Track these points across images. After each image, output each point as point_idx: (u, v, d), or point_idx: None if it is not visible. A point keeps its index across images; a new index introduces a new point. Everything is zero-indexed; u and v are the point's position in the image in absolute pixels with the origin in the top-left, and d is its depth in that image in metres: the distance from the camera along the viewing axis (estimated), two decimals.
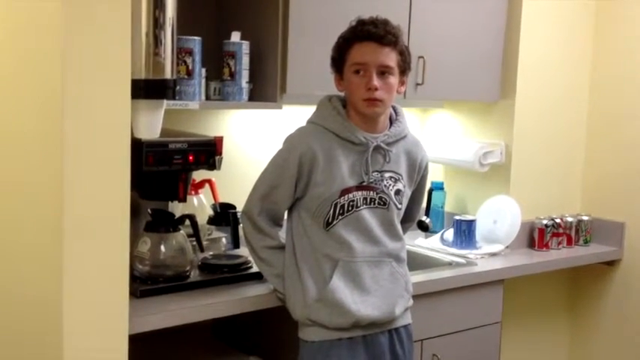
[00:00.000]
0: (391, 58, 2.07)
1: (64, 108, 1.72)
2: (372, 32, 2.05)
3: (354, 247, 2.10)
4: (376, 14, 2.12)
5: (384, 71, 2.06)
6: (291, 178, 2.09)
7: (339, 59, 2.12)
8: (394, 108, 2.22)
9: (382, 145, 2.13)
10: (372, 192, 2.12)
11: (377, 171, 2.13)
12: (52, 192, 1.78)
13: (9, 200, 2.01)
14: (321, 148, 2.09)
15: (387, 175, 2.15)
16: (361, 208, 2.11)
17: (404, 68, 2.12)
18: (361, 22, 2.09)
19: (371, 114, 2.10)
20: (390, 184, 2.15)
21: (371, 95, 2.06)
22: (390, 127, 2.17)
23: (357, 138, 2.10)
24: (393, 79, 2.08)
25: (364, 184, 2.11)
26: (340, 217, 2.09)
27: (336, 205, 2.09)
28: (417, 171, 2.25)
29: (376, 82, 2.05)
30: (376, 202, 2.13)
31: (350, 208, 2.10)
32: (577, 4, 3.22)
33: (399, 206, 2.18)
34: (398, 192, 2.17)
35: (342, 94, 2.18)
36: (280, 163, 2.12)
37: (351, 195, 2.09)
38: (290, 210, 2.18)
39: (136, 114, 1.96)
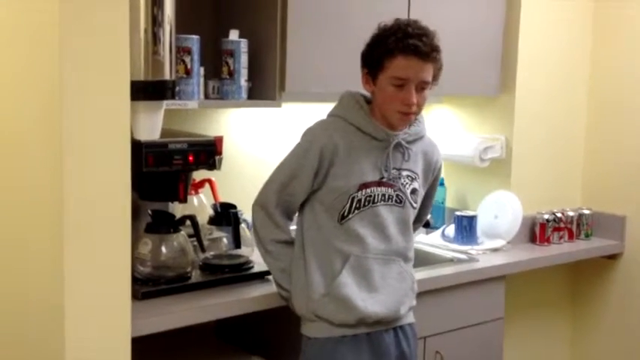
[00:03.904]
0: (430, 74, 2.04)
1: (63, 110, 1.71)
2: (419, 49, 2.00)
3: (368, 242, 2.09)
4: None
5: (423, 86, 2.05)
6: (310, 170, 2.07)
7: (375, 63, 2.05)
8: None
9: (403, 142, 2.12)
10: (390, 189, 2.11)
11: (395, 168, 2.12)
12: (52, 194, 1.77)
13: (9, 203, 2.00)
14: (342, 140, 2.08)
15: (404, 173, 2.14)
16: (378, 204, 2.10)
17: (436, 78, 2.09)
18: (406, 33, 2.01)
19: (401, 126, 2.11)
20: (406, 183, 2.14)
21: (408, 110, 2.05)
22: (409, 127, 2.16)
23: (380, 134, 2.09)
24: (427, 93, 2.07)
25: (384, 180, 2.10)
26: (356, 212, 2.08)
27: (353, 198, 2.07)
28: (432, 172, 2.25)
29: (414, 98, 2.03)
30: (393, 199, 2.12)
31: (366, 203, 2.08)
32: None
33: (415, 205, 2.17)
34: (414, 191, 2.16)
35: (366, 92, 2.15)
36: (301, 154, 2.09)
37: (369, 190, 2.08)
38: (302, 203, 2.16)
39: (136, 115, 1.94)
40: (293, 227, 2.20)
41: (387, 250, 2.13)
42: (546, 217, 3.11)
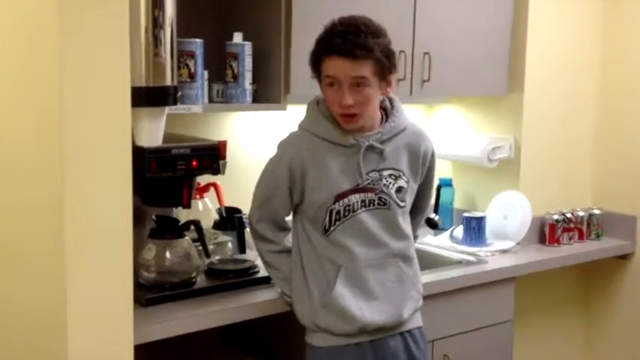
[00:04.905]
0: (365, 69, 1.95)
1: (64, 117, 1.69)
2: (339, 47, 1.94)
3: (355, 252, 2.06)
4: (361, 13, 2.03)
5: (359, 83, 1.97)
6: (284, 186, 2.07)
7: (314, 68, 2.04)
8: (390, 100, 2.14)
9: (375, 144, 2.06)
10: (370, 193, 2.07)
11: (374, 170, 2.07)
12: (53, 202, 1.76)
13: (10, 210, 1.99)
14: (309, 154, 2.05)
15: (385, 173, 2.08)
16: (359, 211, 2.06)
17: (384, 73, 2.00)
18: (330, 33, 1.98)
19: (350, 128, 2.04)
20: (390, 183, 2.09)
21: (346, 112, 1.99)
22: (385, 122, 2.11)
23: (347, 140, 2.05)
24: (370, 90, 1.98)
25: (360, 186, 2.06)
26: (337, 223, 2.05)
27: (331, 211, 2.04)
28: (422, 162, 2.17)
29: (349, 98, 1.96)
30: (375, 203, 2.08)
31: (346, 213, 2.05)
32: None
33: (402, 204, 2.12)
34: (400, 189, 2.11)
35: None
36: (272, 172, 2.10)
37: (346, 200, 2.05)
38: (294, 214, 2.15)
39: (137, 122, 1.93)
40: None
41: (379, 255, 2.09)
42: (556, 217, 3.08)
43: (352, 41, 1.94)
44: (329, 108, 2.05)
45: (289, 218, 2.18)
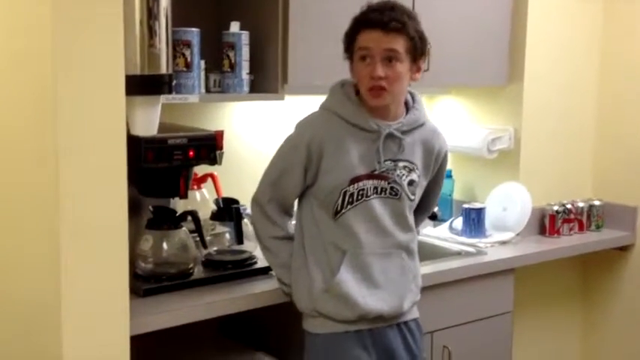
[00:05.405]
0: (398, 43, 1.99)
1: (57, 108, 1.68)
2: (376, 19, 1.99)
3: (362, 238, 2.06)
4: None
5: (390, 57, 1.99)
6: (300, 165, 2.05)
7: (348, 45, 2.06)
8: (412, 95, 2.16)
9: (395, 132, 2.07)
10: (383, 181, 2.07)
11: (390, 160, 2.07)
12: (47, 193, 1.75)
13: (4, 201, 1.98)
14: (329, 134, 2.04)
15: (400, 164, 2.09)
16: (371, 197, 2.06)
17: (415, 54, 2.03)
18: (369, 9, 2.03)
19: (376, 105, 2.04)
20: (403, 174, 2.09)
21: (375, 84, 1.99)
22: (405, 115, 2.11)
23: (369, 125, 2.05)
24: (401, 67, 2.00)
25: (376, 172, 2.06)
26: (349, 206, 2.04)
27: (345, 193, 2.04)
28: (435, 160, 2.18)
29: (381, 70, 1.98)
30: (387, 191, 2.08)
31: (359, 197, 2.04)
32: None
33: (412, 197, 2.12)
34: (411, 182, 2.11)
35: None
36: (290, 151, 2.08)
37: (361, 184, 2.04)
38: (300, 198, 2.14)
39: (132, 111, 1.91)
40: (293, 222, 2.18)
41: (385, 244, 2.09)
42: (556, 208, 3.07)
43: (388, 15, 1.99)
44: (358, 84, 2.05)
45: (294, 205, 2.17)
